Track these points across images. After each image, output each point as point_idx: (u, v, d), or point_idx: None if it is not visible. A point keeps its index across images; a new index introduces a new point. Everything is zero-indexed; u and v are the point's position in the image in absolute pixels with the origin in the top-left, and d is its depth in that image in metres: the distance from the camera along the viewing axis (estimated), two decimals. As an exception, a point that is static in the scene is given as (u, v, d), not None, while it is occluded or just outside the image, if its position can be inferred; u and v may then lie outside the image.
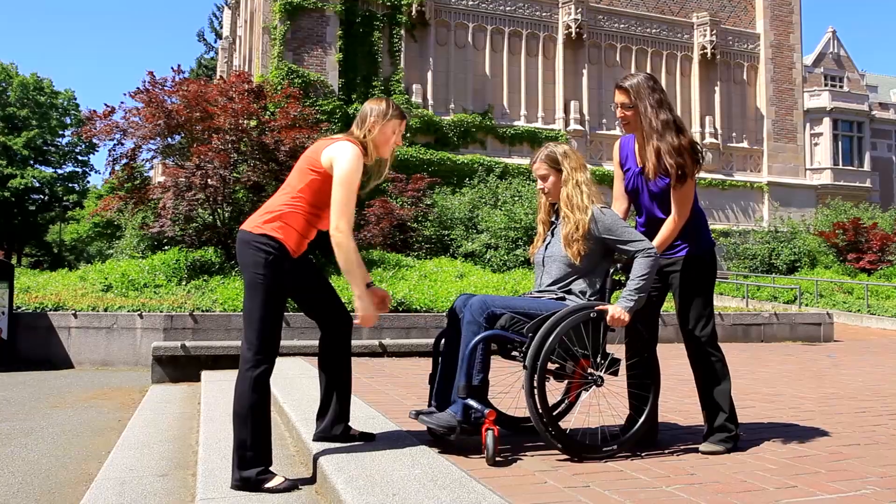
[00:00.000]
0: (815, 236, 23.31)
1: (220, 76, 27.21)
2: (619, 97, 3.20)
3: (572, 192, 3.16)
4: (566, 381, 3.23)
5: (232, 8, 35.99)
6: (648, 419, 3.13)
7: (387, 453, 2.92)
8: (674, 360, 5.56)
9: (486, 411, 2.86)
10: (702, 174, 26.11)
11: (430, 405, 3.08)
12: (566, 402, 3.38)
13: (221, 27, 44.14)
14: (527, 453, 3.01)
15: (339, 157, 2.90)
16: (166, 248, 12.77)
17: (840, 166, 32.98)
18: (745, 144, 27.75)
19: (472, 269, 14.92)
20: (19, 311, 8.83)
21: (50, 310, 8.84)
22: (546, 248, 3.30)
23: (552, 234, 3.31)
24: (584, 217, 3.11)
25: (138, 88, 12.63)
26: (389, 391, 4.87)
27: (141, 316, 8.66)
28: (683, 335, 3.25)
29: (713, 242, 3.34)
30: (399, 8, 23.12)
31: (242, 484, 2.74)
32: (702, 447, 3.13)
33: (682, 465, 2.90)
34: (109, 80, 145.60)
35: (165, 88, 12.79)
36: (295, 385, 4.92)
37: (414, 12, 23.13)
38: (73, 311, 8.76)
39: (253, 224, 2.90)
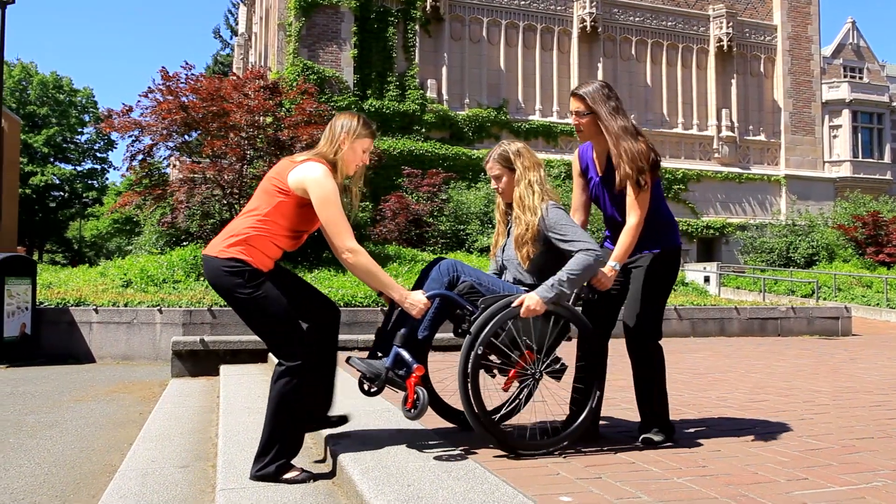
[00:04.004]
0: (833, 230, 23.06)
1: (235, 73, 27.36)
2: (575, 104, 3.15)
3: (524, 192, 3.07)
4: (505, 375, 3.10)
5: (247, 5, 36.18)
6: (592, 413, 3.04)
7: (402, 445, 2.97)
8: (690, 355, 5.61)
9: (415, 366, 2.80)
10: (718, 167, 26.16)
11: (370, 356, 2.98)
12: (502, 390, 3.23)
13: (237, 24, 44.37)
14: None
15: (309, 180, 2.81)
16: (185, 243, 12.92)
17: (860, 158, 32.53)
18: (762, 137, 27.51)
19: (487, 264, 14.93)
20: (42, 306, 8.98)
21: (72, 305, 8.98)
22: (503, 250, 3.22)
23: (508, 236, 3.22)
24: (534, 219, 3.02)
25: (157, 85, 12.74)
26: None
27: (160, 311, 8.77)
28: (624, 327, 3.19)
29: (679, 245, 3.27)
30: (413, 3, 23.12)
31: (262, 475, 2.80)
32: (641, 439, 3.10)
33: (694, 457, 2.93)
34: (127, 77, 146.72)
35: (180, 86, 12.90)
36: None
37: (428, 7, 23.13)
38: (95, 307, 8.89)
39: (217, 249, 2.82)
